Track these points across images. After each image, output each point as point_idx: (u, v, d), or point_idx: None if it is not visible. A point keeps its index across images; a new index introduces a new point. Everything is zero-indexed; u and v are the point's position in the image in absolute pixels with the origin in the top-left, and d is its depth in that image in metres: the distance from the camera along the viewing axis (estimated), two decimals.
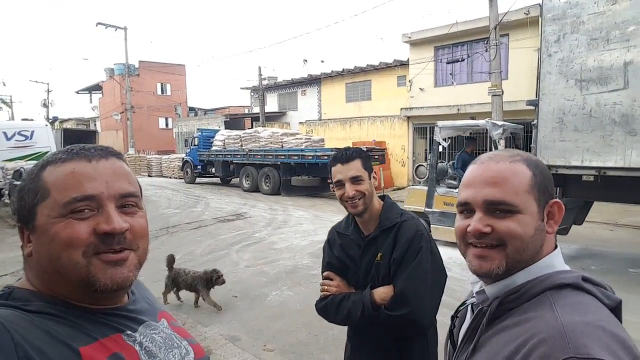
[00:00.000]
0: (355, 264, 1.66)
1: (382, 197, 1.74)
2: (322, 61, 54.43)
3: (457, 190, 7.17)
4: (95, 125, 38.55)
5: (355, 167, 1.61)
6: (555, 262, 0.82)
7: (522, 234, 0.78)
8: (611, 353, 0.63)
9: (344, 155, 1.63)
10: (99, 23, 23.62)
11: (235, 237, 8.11)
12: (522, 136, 7.51)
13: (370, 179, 1.64)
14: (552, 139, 5.53)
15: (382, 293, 1.55)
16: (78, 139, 23.73)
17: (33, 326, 0.63)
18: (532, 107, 6.96)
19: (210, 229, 8.82)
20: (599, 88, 5.10)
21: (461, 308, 0.98)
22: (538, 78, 7.08)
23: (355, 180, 1.60)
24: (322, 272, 1.76)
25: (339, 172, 1.62)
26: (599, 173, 5.17)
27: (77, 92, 43.77)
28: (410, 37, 16.00)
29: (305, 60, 23.23)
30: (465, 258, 0.86)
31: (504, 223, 0.79)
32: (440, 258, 1.64)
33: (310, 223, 9.60)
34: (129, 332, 0.74)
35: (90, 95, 43.33)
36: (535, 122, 6.58)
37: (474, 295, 0.90)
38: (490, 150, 12.77)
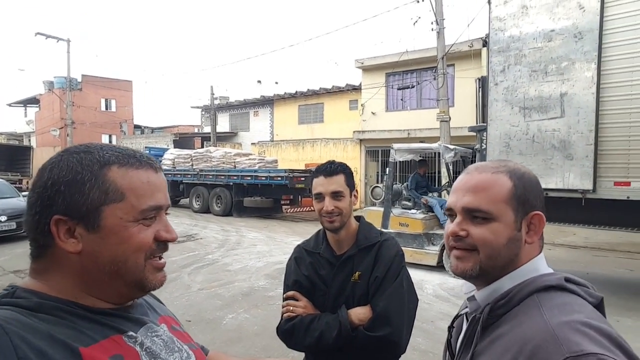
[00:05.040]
0: (326, 284, 1.56)
1: (357, 218, 1.68)
2: (276, 83, 54.66)
3: (411, 211, 7.43)
4: (29, 140, 35.98)
5: (338, 182, 1.56)
6: (539, 266, 0.86)
7: (493, 241, 0.83)
8: (601, 346, 0.67)
9: (328, 169, 1.58)
10: (39, 33, 21.77)
11: (187, 259, 7.77)
12: (470, 160, 7.91)
13: (351, 197, 1.59)
14: None
15: (359, 314, 1.46)
16: (10, 154, 22.07)
17: (34, 327, 0.63)
18: (474, 133, 7.39)
19: None
20: (540, 115, 5.53)
21: (457, 318, 1.00)
22: (479, 105, 7.55)
23: (336, 195, 1.54)
24: (285, 292, 1.62)
25: (320, 184, 1.57)
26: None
27: (10, 105, 40.83)
28: (362, 63, 16.58)
29: (259, 81, 23.35)
30: (449, 259, 0.91)
31: (479, 230, 0.84)
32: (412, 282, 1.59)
33: (264, 244, 9.43)
34: (130, 333, 0.74)
35: (25, 109, 40.57)
36: (477, 146, 6.95)
37: (467, 304, 0.93)
38: (440, 172, 13.27)
